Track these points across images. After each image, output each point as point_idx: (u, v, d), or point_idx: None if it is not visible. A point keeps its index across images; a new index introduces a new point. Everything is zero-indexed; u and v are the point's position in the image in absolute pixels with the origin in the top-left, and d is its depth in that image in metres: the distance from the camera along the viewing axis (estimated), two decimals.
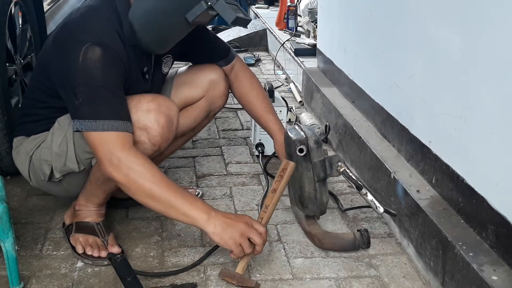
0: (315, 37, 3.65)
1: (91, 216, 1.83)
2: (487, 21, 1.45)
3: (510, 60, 1.34)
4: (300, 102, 3.23)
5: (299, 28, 4.15)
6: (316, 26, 3.54)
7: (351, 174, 1.77)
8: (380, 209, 1.75)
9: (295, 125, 1.88)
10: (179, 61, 2.06)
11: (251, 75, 2.10)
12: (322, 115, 2.81)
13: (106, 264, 1.70)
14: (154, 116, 1.68)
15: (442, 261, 1.54)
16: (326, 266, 1.72)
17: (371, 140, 2.17)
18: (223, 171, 2.38)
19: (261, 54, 4.43)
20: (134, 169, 1.56)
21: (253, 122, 2.47)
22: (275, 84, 3.51)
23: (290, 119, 2.74)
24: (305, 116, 2.86)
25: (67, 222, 1.87)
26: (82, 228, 1.81)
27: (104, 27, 1.63)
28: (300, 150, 1.75)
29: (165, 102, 1.73)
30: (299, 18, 4.21)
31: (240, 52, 4.30)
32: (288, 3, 4.25)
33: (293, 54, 3.59)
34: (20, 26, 2.52)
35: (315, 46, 3.34)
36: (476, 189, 1.50)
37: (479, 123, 1.49)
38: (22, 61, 2.48)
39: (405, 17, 1.97)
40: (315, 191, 1.80)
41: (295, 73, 3.52)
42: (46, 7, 3.01)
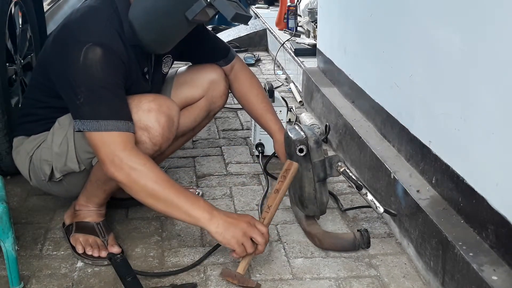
0: (315, 37, 3.65)
1: (91, 216, 1.83)
2: (487, 21, 1.45)
3: (510, 60, 1.34)
4: (300, 102, 3.23)
5: (299, 28, 4.15)
6: (316, 26, 3.54)
7: (351, 174, 1.77)
8: (380, 209, 1.75)
9: (295, 125, 1.88)
10: (179, 61, 2.06)
11: (251, 75, 2.09)
12: (322, 115, 2.80)
13: (106, 264, 1.70)
14: (155, 116, 1.68)
15: (442, 261, 1.54)
16: (326, 266, 1.72)
17: (371, 140, 2.17)
18: (223, 171, 2.38)
19: (261, 54, 4.43)
20: (136, 169, 1.56)
21: (253, 122, 2.46)
22: (275, 84, 3.51)
23: (290, 119, 2.74)
24: (305, 116, 2.86)
25: (67, 222, 1.87)
26: (82, 228, 1.81)
27: (105, 27, 1.63)
28: (300, 150, 1.75)
29: (166, 102, 1.73)
30: (299, 18, 4.20)
31: (240, 52, 4.30)
32: (288, 3, 4.25)
33: (293, 54, 3.59)
34: (20, 26, 2.52)
35: (315, 46, 3.34)
36: (476, 189, 1.50)
37: (479, 123, 1.49)
38: (22, 61, 2.48)
39: (405, 17, 1.97)
40: (315, 191, 1.79)
41: (295, 73, 3.52)
42: (46, 7, 3.01)
